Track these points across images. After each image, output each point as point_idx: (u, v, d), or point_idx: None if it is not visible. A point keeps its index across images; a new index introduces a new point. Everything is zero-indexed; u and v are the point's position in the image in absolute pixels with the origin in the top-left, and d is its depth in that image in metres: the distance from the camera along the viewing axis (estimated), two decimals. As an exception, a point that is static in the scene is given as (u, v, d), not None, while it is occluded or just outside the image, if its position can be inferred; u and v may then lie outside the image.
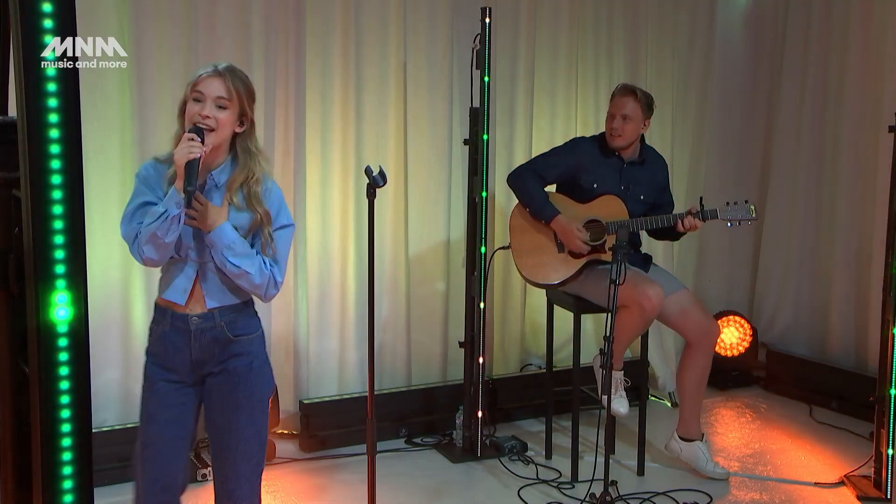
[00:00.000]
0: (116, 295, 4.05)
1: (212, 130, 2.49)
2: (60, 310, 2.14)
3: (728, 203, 4.01)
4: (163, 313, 2.59)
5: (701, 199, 4.03)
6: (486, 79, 4.17)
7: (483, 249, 4.28)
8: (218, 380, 2.59)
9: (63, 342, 2.15)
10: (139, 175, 2.54)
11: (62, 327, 2.14)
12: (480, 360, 4.28)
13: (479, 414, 4.29)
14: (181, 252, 2.54)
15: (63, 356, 2.15)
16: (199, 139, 2.45)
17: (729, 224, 4.03)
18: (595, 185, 4.05)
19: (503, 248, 4.35)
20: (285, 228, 2.62)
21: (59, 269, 2.13)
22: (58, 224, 2.11)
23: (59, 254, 2.12)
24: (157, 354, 2.59)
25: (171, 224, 2.43)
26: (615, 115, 4.04)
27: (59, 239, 2.12)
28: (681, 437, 4.11)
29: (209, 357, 2.58)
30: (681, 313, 3.98)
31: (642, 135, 4.14)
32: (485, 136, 4.20)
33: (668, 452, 4.17)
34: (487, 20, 4.13)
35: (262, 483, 3.96)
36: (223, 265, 2.50)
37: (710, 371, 4.08)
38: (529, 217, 4.08)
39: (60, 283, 2.13)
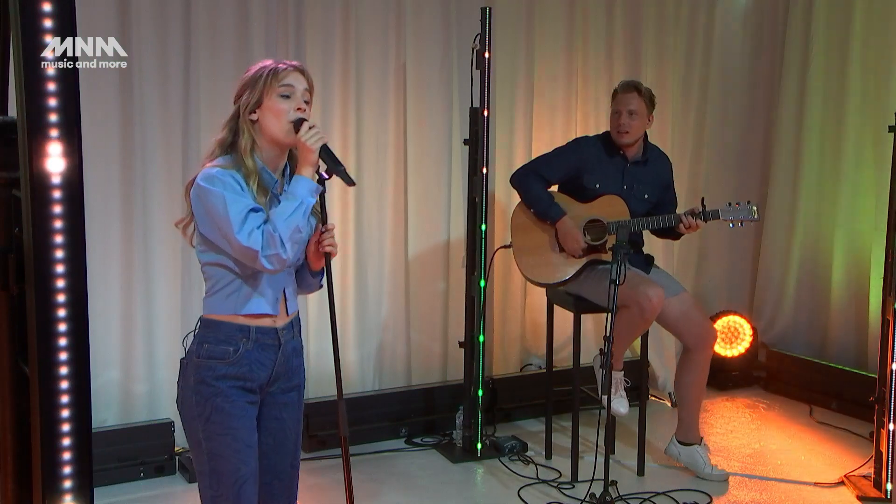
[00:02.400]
0: (116, 295, 4.05)
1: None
2: (60, 310, 2.14)
3: (730, 204, 4.01)
4: (242, 331, 2.34)
5: (703, 199, 4.03)
6: (486, 79, 4.17)
7: (483, 252, 4.28)
8: (290, 397, 2.49)
9: (63, 342, 2.15)
10: (224, 181, 2.24)
11: (62, 327, 2.14)
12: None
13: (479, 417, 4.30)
14: None
15: (63, 356, 2.15)
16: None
17: (731, 225, 4.03)
18: (598, 186, 4.05)
19: (504, 246, 4.35)
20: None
21: (59, 269, 2.13)
22: (58, 224, 2.11)
23: (59, 254, 2.12)
24: (238, 376, 2.33)
25: (307, 215, 2.29)
26: (622, 112, 4.03)
27: (59, 239, 2.12)
28: (679, 442, 4.10)
29: (286, 370, 2.45)
30: (680, 317, 3.98)
31: (645, 133, 4.14)
32: (484, 137, 4.21)
33: (667, 456, 4.17)
34: (487, 20, 4.13)
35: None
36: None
37: (708, 374, 4.08)
38: (531, 216, 4.08)
39: (60, 284, 2.14)
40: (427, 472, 4.17)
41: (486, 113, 4.18)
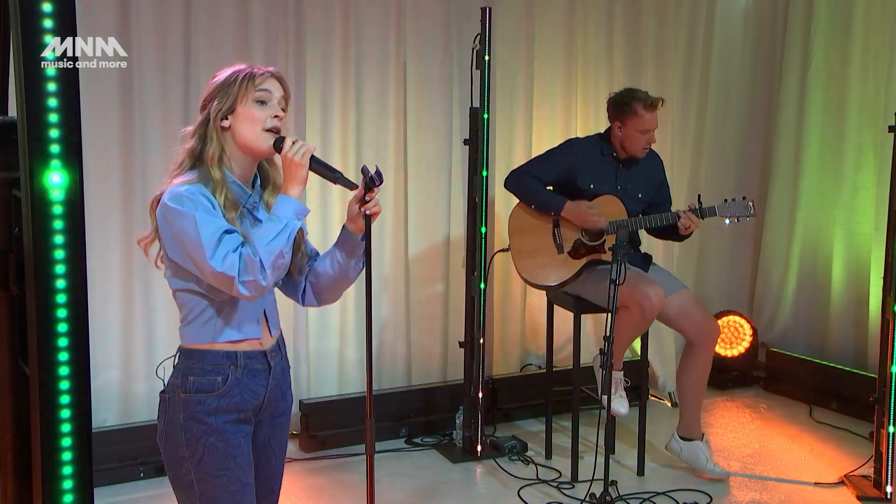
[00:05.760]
0: (116, 295, 4.05)
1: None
2: (60, 310, 2.14)
3: (726, 200, 4.01)
4: (229, 358, 2.17)
5: (699, 196, 4.04)
6: (486, 79, 4.17)
7: (483, 249, 4.28)
8: (281, 421, 2.35)
9: (63, 342, 2.15)
10: (194, 200, 2.06)
11: (62, 327, 2.14)
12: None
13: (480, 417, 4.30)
14: None
15: (63, 356, 2.15)
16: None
17: (728, 221, 4.03)
18: (592, 186, 4.05)
19: (503, 250, 4.35)
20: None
21: (59, 269, 2.13)
22: (58, 224, 2.11)
23: (59, 254, 2.12)
24: (231, 408, 2.17)
25: (291, 239, 2.11)
26: (650, 130, 4.01)
27: (59, 239, 2.12)
28: (681, 437, 4.11)
29: (277, 394, 2.30)
30: (681, 313, 3.98)
31: None
32: (484, 137, 4.21)
33: (668, 452, 4.17)
34: (487, 20, 4.13)
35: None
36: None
37: (710, 371, 4.08)
38: (529, 219, 4.07)
39: (60, 284, 2.14)
40: (427, 472, 4.17)
41: (486, 113, 4.19)
